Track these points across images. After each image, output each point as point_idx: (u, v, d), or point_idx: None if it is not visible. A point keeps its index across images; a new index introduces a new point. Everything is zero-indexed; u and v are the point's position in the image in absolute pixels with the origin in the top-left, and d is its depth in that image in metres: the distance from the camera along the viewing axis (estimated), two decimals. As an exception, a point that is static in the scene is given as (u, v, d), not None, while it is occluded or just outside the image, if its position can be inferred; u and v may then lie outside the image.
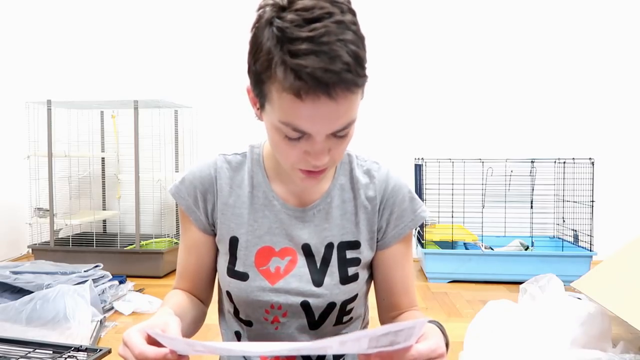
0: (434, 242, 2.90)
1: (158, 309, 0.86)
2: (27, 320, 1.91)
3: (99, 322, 1.96)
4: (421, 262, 2.95)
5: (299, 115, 0.66)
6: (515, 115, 3.24)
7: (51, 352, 1.47)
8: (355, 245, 0.86)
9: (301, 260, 0.85)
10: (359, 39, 0.66)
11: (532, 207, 3.09)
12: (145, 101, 2.84)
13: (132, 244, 2.92)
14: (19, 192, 3.39)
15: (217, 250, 0.90)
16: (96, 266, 2.37)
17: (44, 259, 2.82)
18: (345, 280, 0.84)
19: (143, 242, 2.98)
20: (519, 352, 1.48)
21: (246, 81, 0.75)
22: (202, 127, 3.40)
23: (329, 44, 0.62)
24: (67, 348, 1.48)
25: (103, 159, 3.41)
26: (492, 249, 2.85)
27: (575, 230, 2.88)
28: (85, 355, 1.44)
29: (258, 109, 0.77)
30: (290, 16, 0.63)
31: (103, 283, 2.27)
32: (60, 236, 3.13)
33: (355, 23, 0.66)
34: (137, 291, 2.47)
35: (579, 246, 2.81)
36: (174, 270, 3.22)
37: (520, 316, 1.63)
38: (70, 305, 1.93)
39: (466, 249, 2.86)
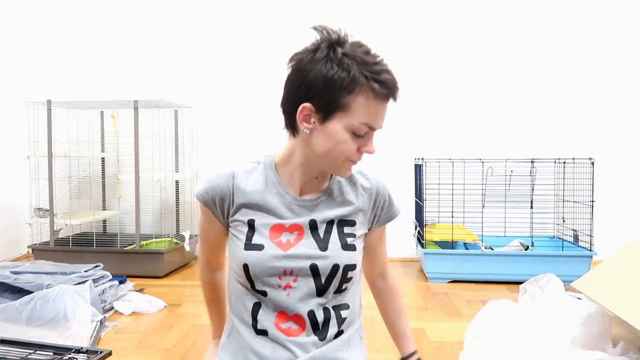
0: (434, 242, 2.90)
1: (214, 316, 1.19)
2: (27, 320, 1.91)
3: (99, 322, 1.96)
4: (421, 262, 2.95)
5: (376, 114, 0.96)
6: (515, 115, 3.24)
7: (51, 353, 1.47)
8: (351, 223, 1.07)
9: (307, 233, 1.03)
10: None
11: (532, 207, 3.09)
12: (145, 101, 2.84)
13: (132, 244, 2.92)
14: (19, 192, 3.39)
15: (225, 233, 1.10)
16: (96, 266, 2.37)
17: (44, 259, 2.82)
18: (345, 246, 1.03)
19: (143, 242, 2.98)
20: (519, 352, 1.48)
21: (245, 81, 0.83)
22: (202, 127, 3.40)
23: (386, 66, 0.96)
24: (67, 350, 1.48)
25: (103, 159, 3.41)
26: (492, 249, 2.85)
27: (575, 230, 2.88)
28: (86, 357, 1.44)
29: (313, 122, 0.96)
30: (350, 47, 0.94)
31: (103, 283, 2.27)
32: (60, 236, 3.13)
33: None
34: (137, 291, 2.47)
35: (579, 246, 2.81)
36: (174, 270, 3.24)
37: (520, 316, 1.63)
38: (70, 305, 1.93)
39: (466, 249, 2.86)
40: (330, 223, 1.06)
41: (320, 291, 1.02)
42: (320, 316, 1.03)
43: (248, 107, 3.36)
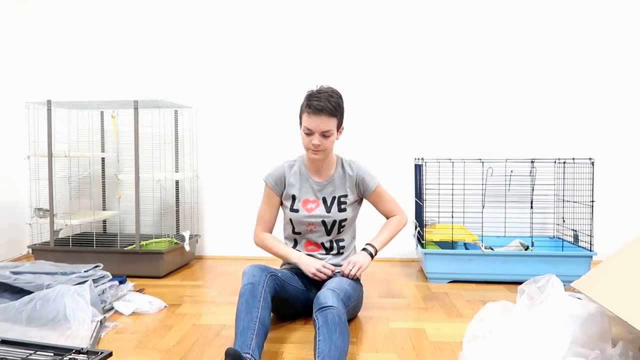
0: (434, 242, 2.90)
1: (282, 246, 2.13)
2: (27, 320, 1.91)
3: (99, 323, 1.96)
4: (421, 262, 2.95)
5: (310, 123, 1.93)
6: (515, 115, 3.25)
7: (52, 354, 1.47)
8: (345, 196, 2.08)
9: (321, 204, 2.06)
10: (336, 101, 1.93)
11: (532, 207, 3.09)
12: (145, 101, 2.84)
13: (132, 244, 2.92)
14: (19, 192, 3.39)
15: (279, 206, 2.13)
16: (96, 266, 2.36)
17: (44, 259, 2.82)
18: (340, 210, 2.06)
19: (143, 242, 2.98)
20: (518, 352, 1.48)
21: (245, 82, 1.53)
22: (202, 127, 3.40)
23: (321, 97, 1.90)
24: (68, 350, 1.48)
25: (103, 159, 3.41)
26: (492, 249, 2.85)
27: (575, 230, 2.88)
28: (86, 358, 1.44)
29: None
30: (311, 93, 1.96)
31: (103, 283, 2.27)
32: (60, 236, 3.13)
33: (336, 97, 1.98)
34: (137, 291, 2.47)
35: (579, 246, 2.82)
36: (174, 270, 3.25)
37: (519, 316, 1.63)
38: (70, 305, 1.93)
39: (466, 249, 2.86)
40: (333, 198, 2.07)
41: (327, 232, 2.07)
42: (327, 244, 2.09)
43: (248, 108, 3.36)
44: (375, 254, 2.07)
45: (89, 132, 3.36)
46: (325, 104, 1.86)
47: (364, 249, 2.06)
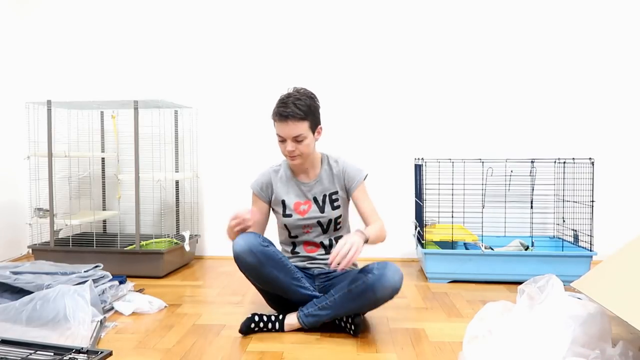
0: (434, 242, 2.90)
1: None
2: (27, 320, 1.91)
3: (99, 323, 1.96)
4: (421, 262, 2.95)
5: (280, 129, 1.91)
6: (515, 115, 3.24)
7: (52, 354, 1.47)
8: (335, 193, 2.03)
9: (313, 205, 2.02)
10: (304, 104, 1.87)
11: (532, 207, 3.09)
12: (145, 101, 2.84)
13: (132, 244, 2.92)
14: (19, 192, 3.39)
15: (268, 210, 2.10)
16: (96, 266, 2.36)
17: (44, 259, 2.82)
18: (333, 207, 2.03)
19: (143, 242, 2.98)
20: (518, 351, 1.48)
21: (245, 82, 1.43)
22: (202, 127, 3.40)
23: (288, 103, 1.86)
24: (68, 350, 1.48)
25: (103, 159, 3.41)
26: (492, 249, 2.85)
27: (575, 230, 2.88)
28: (86, 357, 1.44)
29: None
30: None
31: (103, 283, 2.27)
32: (60, 236, 3.13)
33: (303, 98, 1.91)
34: (137, 291, 2.47)
35: (579, 246, 2.81)
36: (174, 270, 3.25)
37: (519, 316, 1.63)
38: (70, 305, 1.93)
39: (466, 249, 2.86)
40: (324, 197, 2.03)
41: (324, 231, 2.04)
42: (326, 242, 2.06)
43: (248, 108, 3.36)
44: (365, 242, 1.82)
45: (89, 132, 3.36)
46: (291, 110, 1.83)
47: (357, 231, 1.82)
